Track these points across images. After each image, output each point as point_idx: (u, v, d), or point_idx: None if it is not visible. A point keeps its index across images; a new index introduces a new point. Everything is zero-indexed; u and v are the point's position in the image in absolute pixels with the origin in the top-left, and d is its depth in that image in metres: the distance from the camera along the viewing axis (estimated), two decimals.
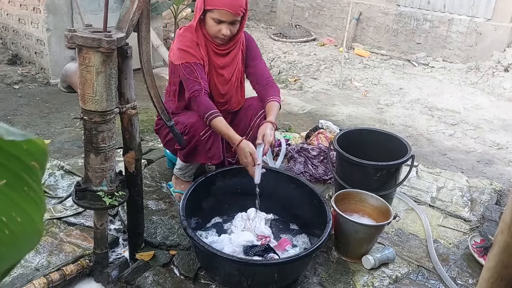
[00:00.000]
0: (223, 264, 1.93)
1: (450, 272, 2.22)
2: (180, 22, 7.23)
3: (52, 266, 2.04)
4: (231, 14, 2.18)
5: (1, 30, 5.74)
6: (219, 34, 2.24)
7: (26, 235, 0.49)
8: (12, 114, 4.05)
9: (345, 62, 6.39)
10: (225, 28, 2.22)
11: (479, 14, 6.40)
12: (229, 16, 2.19)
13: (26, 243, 0.50)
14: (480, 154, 3.95)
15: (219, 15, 2.18)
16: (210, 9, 2.19)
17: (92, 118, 1.73)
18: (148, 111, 4.07)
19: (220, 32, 2.23)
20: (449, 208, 2.76)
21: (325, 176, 2.92)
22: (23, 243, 0.50)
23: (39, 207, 0.49)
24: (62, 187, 2.71)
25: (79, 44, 1.64)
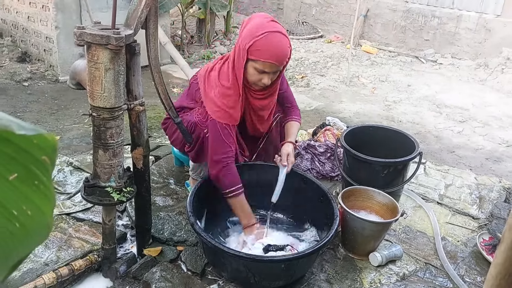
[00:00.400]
0: (230, 260, 1.94)
1: (458, 270, 2.21)
2: (187, 20, 7.24)
3: (61, 261, 2.06)
4: (276, 65, 2.05)
5: (11, 28, 5.78)
6: (259, 83, 2.12)
7: (36, 229, 0.50)
8: (22, 111, 4.08)
9: (353, 59, 6.37)
10: (267, 78, 2.09)
11: (488, 11, 6.35)
12: (274, 67, 2.06)
13: (36, 236, 0.51)
14: (489, 152, 3.92)
15: (263, 67, 2.04)
16: (253, 59, 2.03)
17: (101, 115, 1.74)
18: (156, 108, 4.08)
19: (261, 81, 2.10)
20: (457, 206, 2.75)
21: (332, 173, 2.92)
22: (33, 236, 0.51)
23: (49, 201, 0.49)
24: (71, 183, 2.74)
25: (88, 41, 1.65)
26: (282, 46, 2.03)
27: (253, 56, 2.02)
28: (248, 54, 2.03)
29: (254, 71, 2.07)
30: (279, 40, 2.02)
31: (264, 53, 2.00)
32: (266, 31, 2.00)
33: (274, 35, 2.01)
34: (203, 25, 7.20)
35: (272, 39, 2.01)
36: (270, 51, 2.00)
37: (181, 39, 6.90)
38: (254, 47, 2.00)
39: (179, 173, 2.90)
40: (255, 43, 2.00)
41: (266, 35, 2.00)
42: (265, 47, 1.99)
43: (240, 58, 2.07)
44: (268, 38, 2.00)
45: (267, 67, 2.04)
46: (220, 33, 7.74)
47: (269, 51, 2.00)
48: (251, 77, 2.10)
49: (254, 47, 2.00)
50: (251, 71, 2.08)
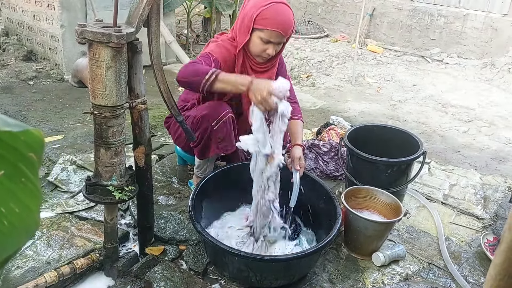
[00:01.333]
0: (231, 259, 1.93)
1: (461, 270, 2.19)
2: (193, 19, 7.25)
3: (63, 259, 2.06)
4: (281, 35, 2.10)
5: (17, 26, 5.81)
6: (263, 54, 2.16)
7: (24, 226, 0.50)
8: (27, 109, 4.09)
9: (358, 58, 6.34)
10: (271, 49, 2.13)
11: (494, 10, 6.30)
12: (279, 37, 2.10)
13: (24, 233, 0.51)
14: (494, 151, 3.89)
15: (269, 36, 2.08)
16: (260, 28, 2.08)
17: (102, 113, 1.74)
18: (160, 107, 4.08)
19: (265, 51, 2.14)
20: (461, 206, 2.73)
21: (335, 173, 2.90)
22: (21, 233, 0.50)
23: (36, 198, 0.49)
24: (74, 182, 2.74)
25: (89, 39, 1.64)
26: (288, 16, 2.09)
27: (259, 25, 2.07)
28: (254, 23, 2.07)
29: (260, 41, 2.11)
30: (285, 10, 2.09)
31: (271, 21, 2.05)
32: (272, 1, 2.07)
33: (280, 5, 2.08)
34: (208, 24, 7.20)
35: (278, 8, 2.07)
36: (277, 20, 2.05)
37: (186, 38, 6.90)
38: (261, 16, 2.05)
39: (182, 172, 2.90)
40: (262, 12, 2.05)
41: (273, 5, 2.06)
42: (272, 16, 2.05)
43: (244, 27, 2.12)
44: (275, 8, 2.06)
45: (273, 36, 2.09)
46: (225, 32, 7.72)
47: (276, 20, 2.05)
48: (256, 47, 2.14)
49: (261, 16, 2.05)
50: (256, 41, 2.12)
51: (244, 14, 2.14)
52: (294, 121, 2.45)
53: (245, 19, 2.12)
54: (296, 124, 2.45)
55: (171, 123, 2.52)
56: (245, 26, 2.12)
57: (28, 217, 0.49)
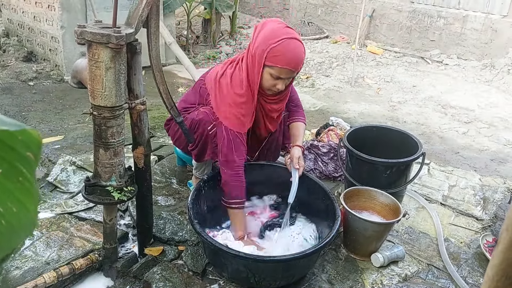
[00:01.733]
0: (230, 260, 1.93)
1: (461, 271, 2.19)
2: (193, 20, 7.25)
3: (62, 260, 2.06)
4: (292, 72, 2.06)
5: (17, 27, 5.82)
6: (273, 88, 2.12)
7: (21, 225, 0.50)
8: (27, 110, 4.10)
9: (358, 59, 6.34)
10: (281, 84, 2.10)
11: (494, 11, 6.30)
12: (289, 73, 2.07)
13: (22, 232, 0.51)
14: (493, 153, 3.89)
15: (279, 73, 2.04)
16: (270, 65, 2.03)
17: (102, 114, 1.74)
18: (160, 107, 4.09)
19: (275, 86, 2.10)
20: (461, 207, 2.73)
21: (335, 173, 2.90)
22: (19, 232, 0.50)
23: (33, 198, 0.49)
24: (73, 182, 2.74)
25: (89, 40, 1.65)
26: (299, 53, 2.03)
27: (269, 62, 2.01)
28: (265, 60, 2.02)
29: (270, 77, 2.06)
30: (296, 47, 2.02)
31: (281, 59, 1.99)
32: (284, 38, 2.00)
33: (291, 41, 2.01)
34: (208, 25, 7.21)
35: (289, 45, 2.00)
36: (287, 58, 2.00)
37: (186, 39, 6.91)
38: (271, 53, 2.00)
39: (181, 173, 2.90)
40: (272, 49, 1.99)
41: (283, 41, 1.99)
42: (282, 53, 1.99)
43: (255, 64, 2.06)
44: (285, 44, 2.00)
45: (283, 73, 2.04)
46: (225, 33, 7.74)
47: (286, 58, 1.99)
48: (266, 83, 2.09)
49: (272, 53, 2.00)
50: (266, 77, 2.07)
51: (254, 50, 2.06)
52: (296, 123, 2.47)
53: (256, 56, 2.05)
54: (297, 126, 2.46)
55: (171, 125, 2.52)
56: (257, 63, 2.06)
57: (26, 217, 0.50)
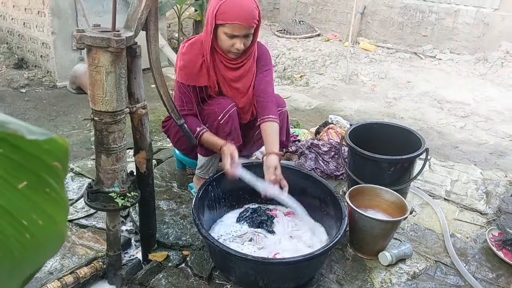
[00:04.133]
0: (237, 263, 1.90)
1: (468, 267, 2.18)
2: (184, 22, 7.21)
3: (66, 269, 2.02)
4: (244, 27, 2.06)
5: (7, 34, 5.74)
6: (233, 49, 2.14)
7: (48, 239, 0.47)
8: (20, 118, 4.02)
9: (351, 56, 6.34)
10: (239, 42, 2.11)
11: (485, 5, 6.33)
12: (242, 29, 2.07)
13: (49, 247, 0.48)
14: (492, 146, 3.89)
15: (232, 30, 2.07)
16: (222, 23, 2.07)
17: (103, 119, 1.71)
18: (156, 111, 4.04)
19: (234, 46, 2.12)
20: (464, 202, 2.72)
21: (336, 172, 2.88)
22: (45, 247, 0.47)
23: (62, 209, 0.46)
24: (72, 189, 2.70)
25: (88, 45, 1.61)
26: (248, 6, 2.06)
27: (220, 20, 2.06)
28: (216, 19, 2.07)
29: (225, 36, 2.10)
30: (243, 1, 2.06)
31: (230, 15, 2.04)
32: None
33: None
34: (199, 27, 7.16)
35: (236, 0, 2.05)
36: (235, 12, 2.03)
37: (178, 41, 6.86)
38: (220, 11, 2.05)
39: (181, 176, 2.87)
40: (220, 6, 2.04)
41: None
42: (230, 9, 2.03)
43: (208, 25, 2.12)
44: (233, 0, 2.05)
45: (236, 29, 2.06)
46: None
47: (234, 12, 2.03)
48: (224, 44, 2.14)
49: (220, 10, 2.05)
50: (222, 37, 2.12)
51: (207, 13, 2.15)
52: (266, 124, 2.26)
53: (208, 17, 2.12)
54: (269, 127, 2.24)
55: (169, 126, 2.50)
56: (209, 24, 2.12)
57: (53, 230, 0.46)
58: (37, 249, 0.47)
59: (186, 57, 2.24)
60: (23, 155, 0.43)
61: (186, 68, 2.23)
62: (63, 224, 0.46)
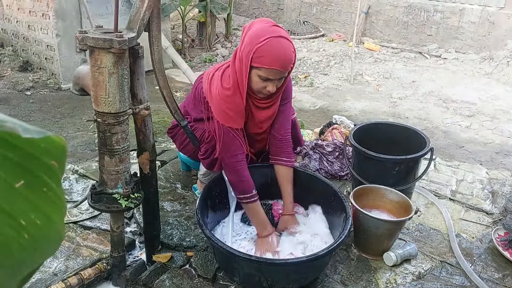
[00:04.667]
0: (241, 264, 1.90)
1: (474, 267, 2.16)
2: (188, 23, 7.22)
3: (70, 270, 2.02)
4: (280, 72, 1.96)
5: (12, 37, 5.77)
6: (264, 91, 2.02)
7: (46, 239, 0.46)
8: (25, 120, 4.05)
9: (356, 56, 6.32)
10: (272, 86, 1.99)
11: (491, 3, 6.30)
12: (278, 74, 1.96)
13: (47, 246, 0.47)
14: (498, 145, 3.87)
15: (267, 74, 1.94)
16: (257, 66, 1.94)
17: (106, 120, 1.71)
18: (160, 112, 4.05)
19: (266, 89, 2.00)
20: (470, 201, 2.70)
21: (341, 172, 2.87)
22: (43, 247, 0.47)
23: (59, 209, 0.46)
24: (77, 191, 2.70)
25: (91, 46, 1.61)
26: (286, 51, 1.93)
27: (256, 63, 1.93)
28: (252, 62, 1.93)
29: (258, 78, 1.97)
30: (282, 45, 1.93)
31: (267, 59, 1.90)
32: (269, 37, 1.91)
33: (277, 40, 1.92)
34: (203, 28, 7.18)
35: (275, 44, 1.91)
36: (273, 57, 1.90)
37: (182, 43, 6.87)
38: (257, 54, 1.91)
39: (185, 177, 2.87)
40: (258, 49, 1.91)
41: (269, 41, 1.90)
42: (268, 53, 1.90)
43: (243, 65, 1.98)
44: (271, 44, 1.90)
45: (271, 74, 1.94)
46: (221, 35, 7.71)
47: (272, 57, 1.90)
48: (256, 85, 2.00)
49: (257, 53, 1.91)
50: (255, 79, 1.98)
51: (241, 51, 1.99)
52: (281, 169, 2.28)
53: (243, 58, 1.97)
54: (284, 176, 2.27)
55: (177, 132, 2.48)
56: (244, 66, 1.98)
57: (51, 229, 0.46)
58: (35, 249, 0.47)
59: (232, 102, 2.06)
60: (20, 153, 0.43)
61: (233, 112, 2.07)
62: (61, 224, 0.46)
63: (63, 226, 0.47)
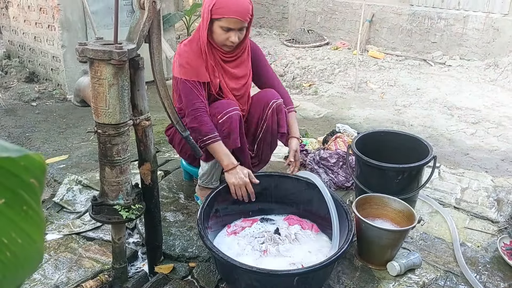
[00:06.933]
0: (243, 275, 1.88)
1: (479, 276, 2.13)
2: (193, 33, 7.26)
3: (72, 282, 2.02)
4: (239, 21, 2.17)
5: (18, 48, 5.83)
6: (227, 42, 2.23)
7: (27, 257, 0.46)
8: (30, 131, 4.08)
9: (360, 64, 6.32)
10: (234, 36, 2.20)
11: (495, 10, 6.28)
12: (238, 23, 2.18)
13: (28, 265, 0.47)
14: (504, 153, 3.83)
15: (227, 23, 2.17)
16: (218, 18, 2.17)
17: (106, 131, 1.71)
18: (164, 122, 4.06)
19: (229, 39, 2.21)
20: (475, 210, 2.67)
21: (346, 183, 2.85)
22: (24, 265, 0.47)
23: (39, 227, 0.45)
24: (80, 202, 2.71)
25: (90, 57, 1.62)
26: (243, 1, 2.18)
27: (216, 14, 2.16)
28: (212, 14, 2.17)
29: (220, 30, 2.19)
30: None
31: (226, 9, 2.14)
32: None
33: None
34: None
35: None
36: (231, 7, 2.14)
37: None
38: (216, 6, 2.15)
39: (188, 187, 2.86)
40: (217, 1, 2.15)
41: None
42: (226, 3, 2.14)
43: (204, 20, 2.22)
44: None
45: (232, 23, 2.16)
46: None
47: (230, 7, 2.14)
48: (219, 37, 2.22)
49: (216, 5, 2.15)
50: (217, 31, 2.20)
51: (203, 9, 2.25)
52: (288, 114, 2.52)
53: (204, 12, 2.22)
54: (290, 116, 2.53)
55: (172, 134, 2.53)
56: (205, 20, 2.21)
57: (32, 248, 0.46)
58: (17, 268, 0.46)
59: (187, 54, 2.28)
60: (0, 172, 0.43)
61: (188, 64, 2.25)
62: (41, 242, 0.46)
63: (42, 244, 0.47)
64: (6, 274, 0.46)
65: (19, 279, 0.47)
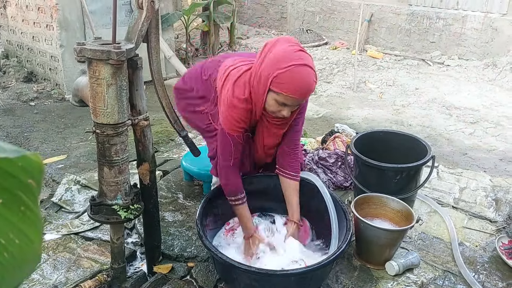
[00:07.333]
0: (242, 275, 1.88)
1: (478, 276, 2.13)
2: (191, 33, 7.26)
3: (70, 282, 2.02)
4: (298, 100, 1.90)
5: (16, 48, 5.82)
6: (278, 114, 1.95)
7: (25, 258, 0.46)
8: (29, 130, 4.08)
9: (359, 64, 6.32)
10: (287, 111, 1.93)
11: (493, 10, 6.29)
12: (296, 102, 1.90)
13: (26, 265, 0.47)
14: (502, 152, 3.84)
15: (284, 99, 1.87)
16: (275, 91, 1.86)
17: (105, 131, 1.71)
18: (163, 122, 4.06)
19: (280, 112, 1.94)
20: (473, 209, 2.68)
21: (345, 183, 2.85)
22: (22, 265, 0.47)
23: (36, 228, 0.45)
24: (79, 202, 2.71)
25: (89, 57, 1.62)
26: (308, 82, 1.84)
27: (275, 88, 1.85)
28: (271, 85, 1.86)
29: (274, 102, 1.90)
30: (304, 75, 1.83)
31: (287, 87, 1.83)
32: (292, 64, 1.81)
33: (300, 68, 1.82)
34: (207, 38, 7.21)
35: (297, 73, 1.82)
36: (294, 86, 1.83)
37: (186, 52, 6.90)
38: (278, 80, 1.83)
39: (187, 187, 2.86)
40: (279, 75, 1.83)
41: (292, 69, 1.81)
42: (289, 80, 1.82)
43: (260, 85, 1.90)
44: (294, 72, 1.82)
45: (289, 100, 1.87)
46: (224, 44, 7.74)
47: (293, 86, 1.83)
48: (270, 108, 1.94)
49: (278, 79, 1.83)
50: (270, 102, 1.91)
51: (261, 70, 1.89)
52: (289, 182, 2.23)
53: (261, 78, 1.88)
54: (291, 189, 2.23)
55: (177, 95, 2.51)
56: (262, 86, 1.90)
57: (29, 248, 0.46)
58: (14, 268, 0.46)
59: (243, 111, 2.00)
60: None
61: (242, 121, 2.02)
62: (38, 243, 0.46)
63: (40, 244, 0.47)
64: (4, 275, 0.46)
65: (17, 279, 0.47)
